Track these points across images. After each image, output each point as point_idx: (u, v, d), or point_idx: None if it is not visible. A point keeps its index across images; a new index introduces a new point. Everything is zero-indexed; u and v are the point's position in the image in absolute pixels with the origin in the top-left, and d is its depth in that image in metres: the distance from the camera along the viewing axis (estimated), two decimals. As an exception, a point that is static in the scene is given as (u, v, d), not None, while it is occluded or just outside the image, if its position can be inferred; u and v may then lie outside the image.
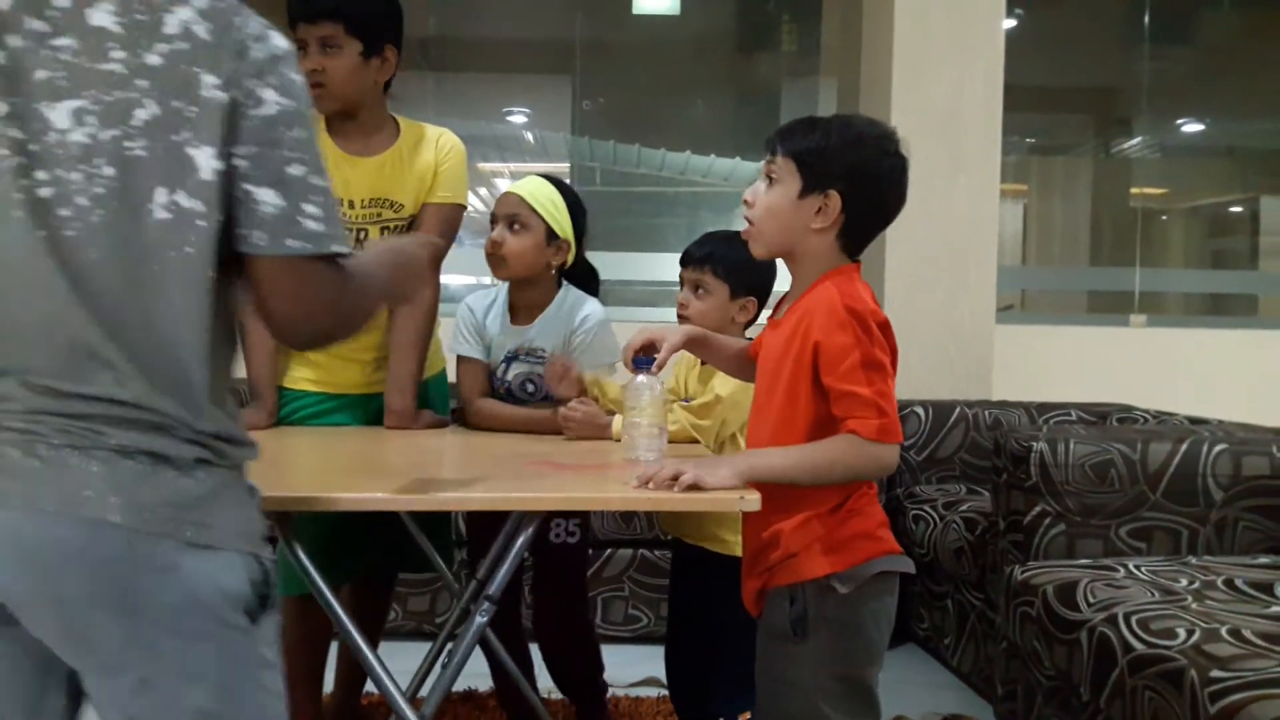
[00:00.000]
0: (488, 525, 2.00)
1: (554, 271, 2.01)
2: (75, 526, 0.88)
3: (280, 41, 0.96)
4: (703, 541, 1.90)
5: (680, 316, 1.96)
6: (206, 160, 0.90)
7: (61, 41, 0.89)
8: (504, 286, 2.06)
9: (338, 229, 0.97)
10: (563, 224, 1.99)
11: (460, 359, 2.04)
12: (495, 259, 1.97)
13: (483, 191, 5.85)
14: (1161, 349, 3.81)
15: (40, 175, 0.88)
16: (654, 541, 2.90)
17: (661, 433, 1.55)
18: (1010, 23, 3.58)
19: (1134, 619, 1.73)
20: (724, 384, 1.86)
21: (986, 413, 3.09)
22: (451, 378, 2.10)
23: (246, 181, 0.92)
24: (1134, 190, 6.37)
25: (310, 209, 0.94)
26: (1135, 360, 3.72)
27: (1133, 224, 6.10)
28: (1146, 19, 4.98)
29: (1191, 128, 6.42)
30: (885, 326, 1.40)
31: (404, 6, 1.93)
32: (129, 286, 0.90)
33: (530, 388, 2.00)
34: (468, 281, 4.28)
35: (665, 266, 3.90)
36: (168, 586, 0.90)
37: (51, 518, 0.87)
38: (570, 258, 2.02)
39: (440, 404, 2.09)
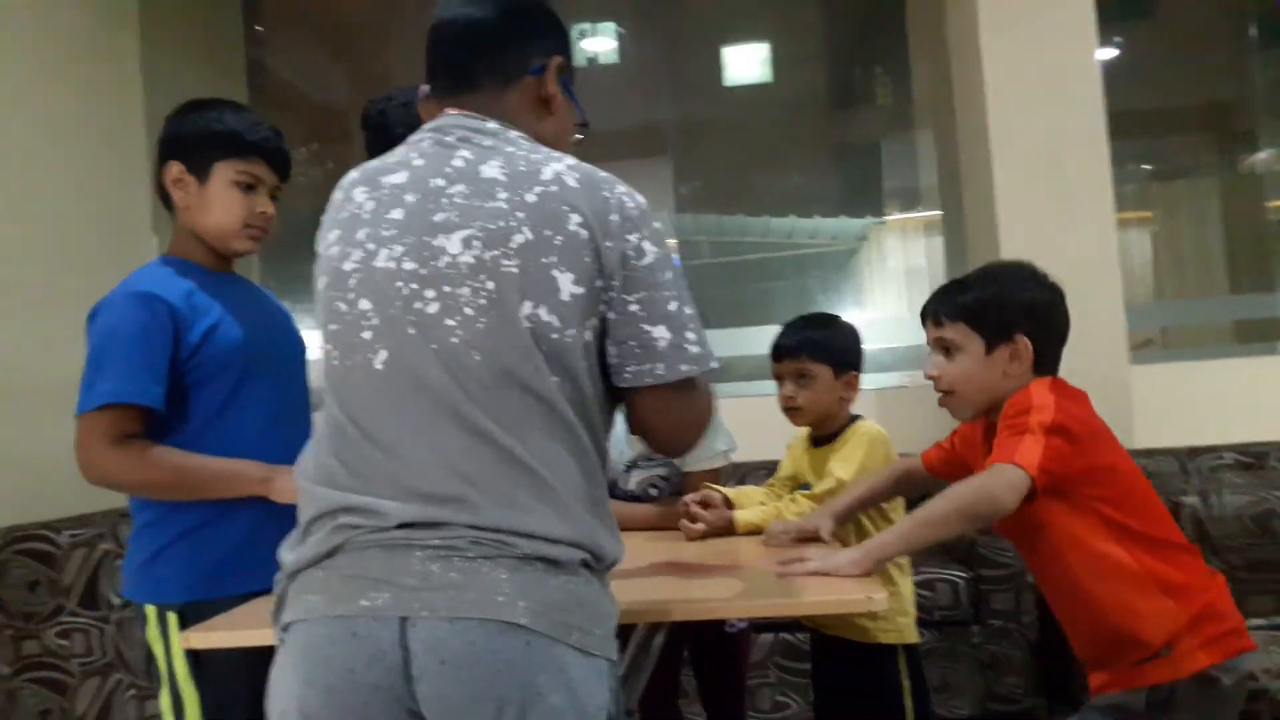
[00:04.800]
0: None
1: None
2: (488, 630, 0.97)
3: (641, 199, 1.12)
4: (842, 631, 1.85)
5: (789, 410, 1.94)
6: (567, 284, 1.04)
7: (456, 189, 1.08)
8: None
9: (709, 346, 1.12)
10: None
11: None
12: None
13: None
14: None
15: (429, 294, 1.04)
16: (794, 624, 2.83)
17: None
18: (1110, 51, 3.47)
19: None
20: (844, 466, 1.83)
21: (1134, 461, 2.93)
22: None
23: (643, 322, 1.08)
24: (1273, 204, 6.05)
25: (690, 335, 1.10)
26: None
27: (1272, 242, 5.78)
28: (1253, 28, 4.76)
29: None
30: (1079, 400, 1.44)
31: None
32: (505, 390, 1.02)
33: (654, 491, 2.00)
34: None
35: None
36: (557, 687, 0.98)
37: (469, 624, 0.97)
38: None
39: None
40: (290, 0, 5.05)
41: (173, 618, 1.46)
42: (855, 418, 1.96)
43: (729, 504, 1.86)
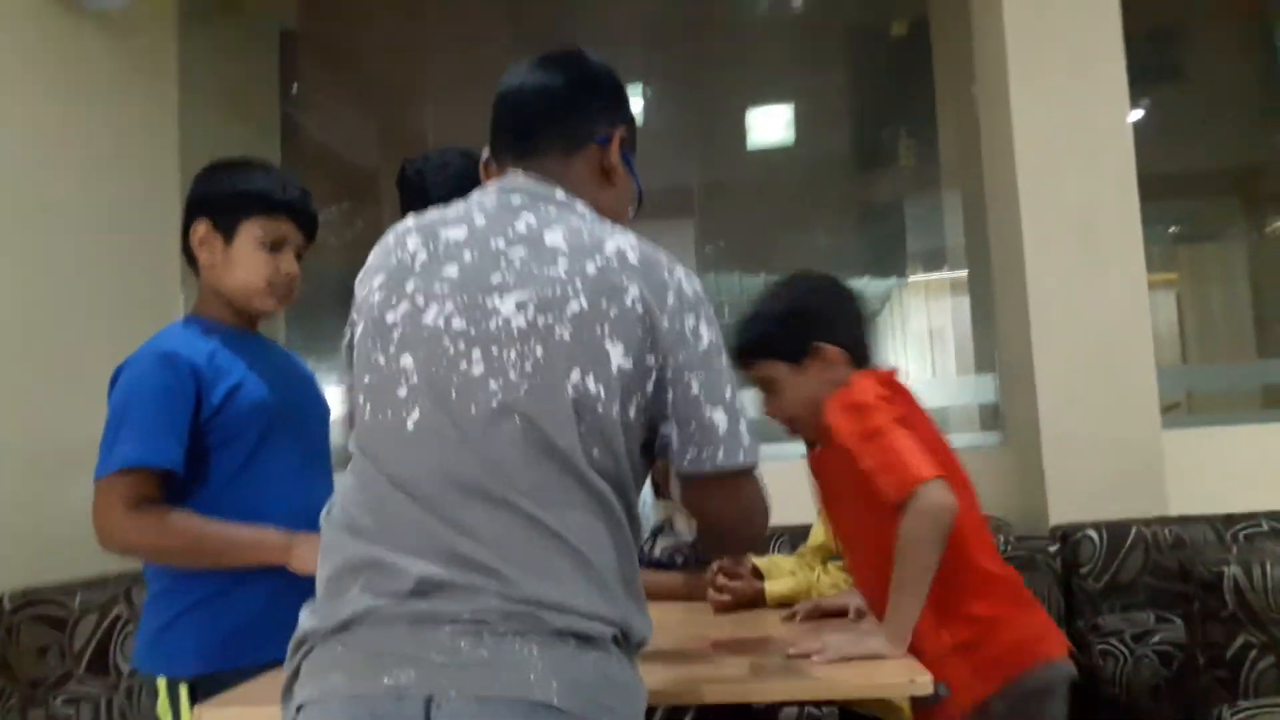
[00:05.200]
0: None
1: None
2: (518, 711, 0.92)
3: (698, 284, 1.12)
4: (873, 709, 1.79)
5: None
6: (617, 356, 1.02)
7: (516, 252, 1.06)
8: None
9: (757, 441, 1.09)
10: None
11: None
12: None
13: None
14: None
15: (475, 354, 1.02)
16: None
17: None
18: (1137, 113, 3.47)
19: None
20: None
21: (1166, 530, 2.86)
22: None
23: (705, 404, 1.06)
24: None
25: (743, 425, 1.08)
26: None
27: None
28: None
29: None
30: (887, 381, 1.46)
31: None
32: (542, 459, 0.99)
33: (680, 559, 1.96)
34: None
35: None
36: None
37: (499, 705, 0.92)
38: None
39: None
40: (326, 60, 5.13)
41: (184, 690, 1.43)
42: None
43: (758, 574, 1.82)
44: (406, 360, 1.03)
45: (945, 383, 4.92)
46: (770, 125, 6.19)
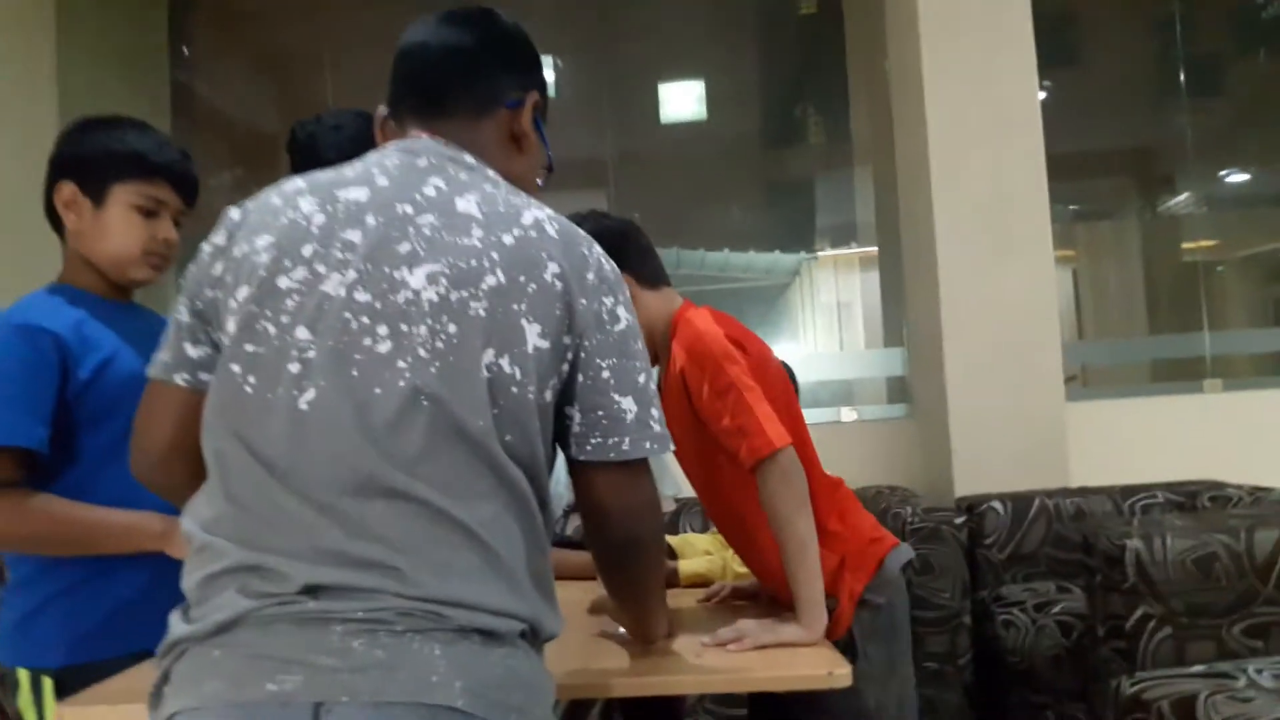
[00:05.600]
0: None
1: None
2: (420, 716, 0.85)
3: (613, 263, 1.06)
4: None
5: None
6: (533, 335, 0.96)
7: (426, 219, 0.98)
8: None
9: (667, 429, 1.05)
10: None
11: None
12: None
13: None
14: (1240, 414, 3.62)
15: (381, 330, 0.93)
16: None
17: None
18: (1039, 94, 3.53)
19: (1269, 738, 1.56)
20: None
21: (1068, 501, 2.93)
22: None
23: (613, 391, 1.00)
24: (1186, 245, 6.23)
25: (654, 412, 1.03)
26: (1214, 428, 3.53)
27: (1189, 283, 5.93)
28: (1181, 74, 4.92)
29: (1236, 178, 6.30)
30: (739, 341, 1.43)
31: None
32: (451, 445, 0.92)
33: None
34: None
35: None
36: None
37: (397, 710, 0.84)
38: None
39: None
40: (219, 19, 4.90)
41: (48, 684, 1.32)
42: None
43: (672, 554, 1.79)
44: (302, 333, 0.94)
45: (853, 356, 4.97)
46: (683, 100, 6.17)
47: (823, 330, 6.83)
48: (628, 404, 1.00)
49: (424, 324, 0.93)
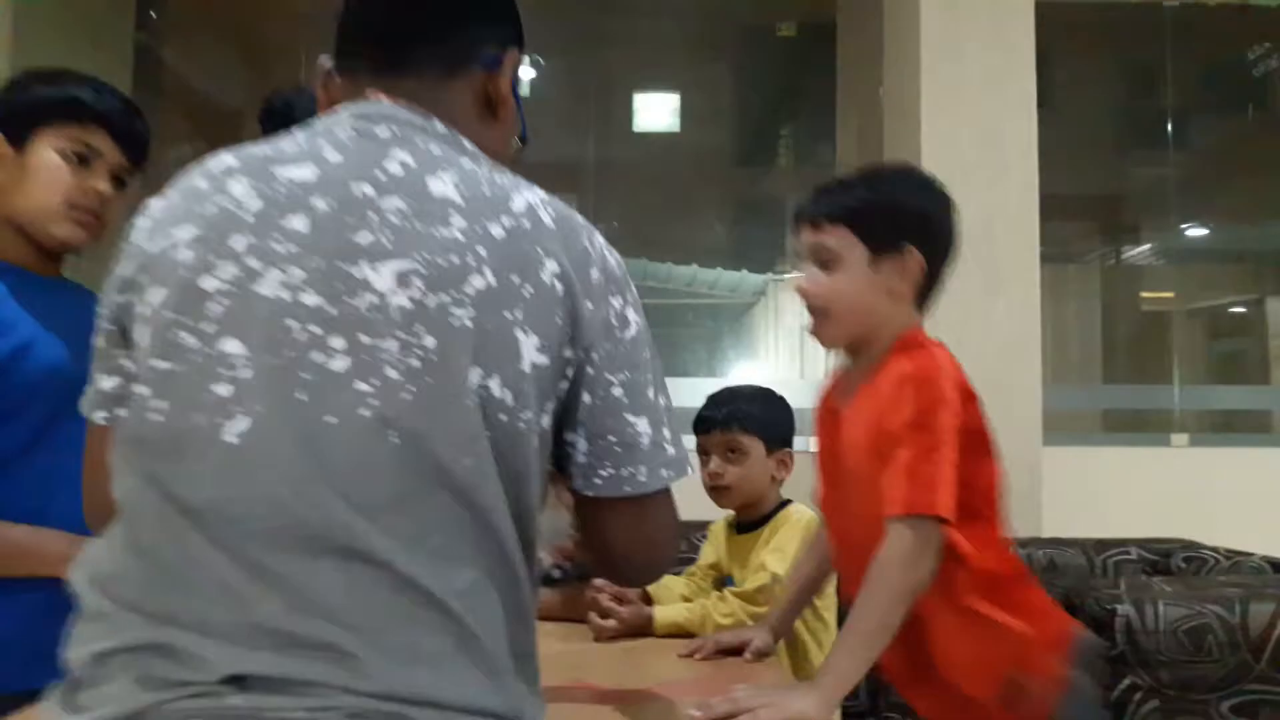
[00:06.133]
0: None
1: None
2: None
3: (617, 256, 0.89)
4: None
5: (714, 489, 1.76)
6: (530, 350, 0.79)
7: (391, 204, 0.79)
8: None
9: (685, 448, 0.90)
10: None
11: None
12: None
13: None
14: (1208, 471, 3.59)
15: (335, 343, 0.75)
16: None
17: None
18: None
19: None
20: (777, 559, 1.65)
21: (1041, 553, 2.86)
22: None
23: (626, 411, 0.84)
24: (1145, 295, 6.30)
25: (668, 434, 0.88)
26: (1182, 483, 3.49)
27: (1148, 332, 5.99)
28: (1167, 124, 4.95)
29: (1196, 232, 6.40)
30: (970, 397, 1.25)
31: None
32: (428, 493, 0.74)
33: (558, 573, 1.77)
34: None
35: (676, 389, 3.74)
36: None
37: None
38: None
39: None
40: (188, -13, 4.70)
41: None
42: (786, 502, 1.79)
43: (647, 599, 1.66)
44: (232, 345, 0.74)
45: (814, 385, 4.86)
46: (658, 111, 6.12)
47: (785, 354, 6.77)
48: (642, 426, 0.85)
49: (393, 336, 0.74)
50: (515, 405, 0.77)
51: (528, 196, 0.84)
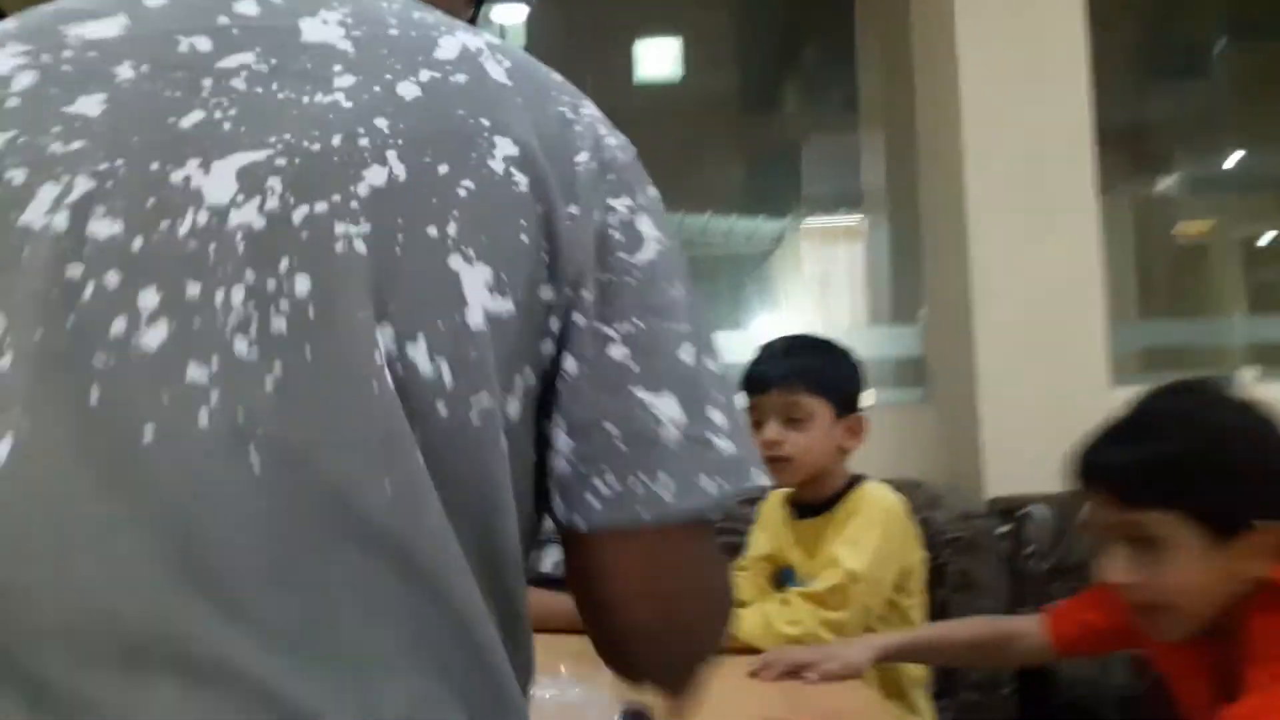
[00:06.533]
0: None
1: None
2: None
3: (622, 138, 0.59)
4: None
5: (771, 460, 1.46)
6: (478, 288, 0.49)
7: (235, 61, 0.51)
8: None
9: (750, 444, 0.56)
10: None
11: None
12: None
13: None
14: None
15: (147, 300, 0.46)
16: None
17: None
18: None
19: None
20: (854, 553, 1.39)
21: (1116, 508, 2.62)
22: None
23: (634, 383, 0.53)
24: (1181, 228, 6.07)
25: (716, 415, 0.54)
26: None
27: (1183, 265, 5.75)
28: (1219, 43, 4.69)
29: (1233, 161, 6.15)
30: None
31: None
32: (320, 544, 0.46)
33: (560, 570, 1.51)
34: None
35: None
36: None
37: None
38: None
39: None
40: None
41: None
42: (857, 478, 1.52)
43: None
44: None
45: (858, 334, 4.55)
46: (666, 55, 5.88)
47: (806, 303, 6.52)
48: (666, 407, 0.53)
49: (239, 281, 0.47)
50: (458, 385, 0.48)
51: (465, 40, 0.55)
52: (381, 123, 0.50)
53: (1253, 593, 1.02)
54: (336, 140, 0.49)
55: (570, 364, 0.53)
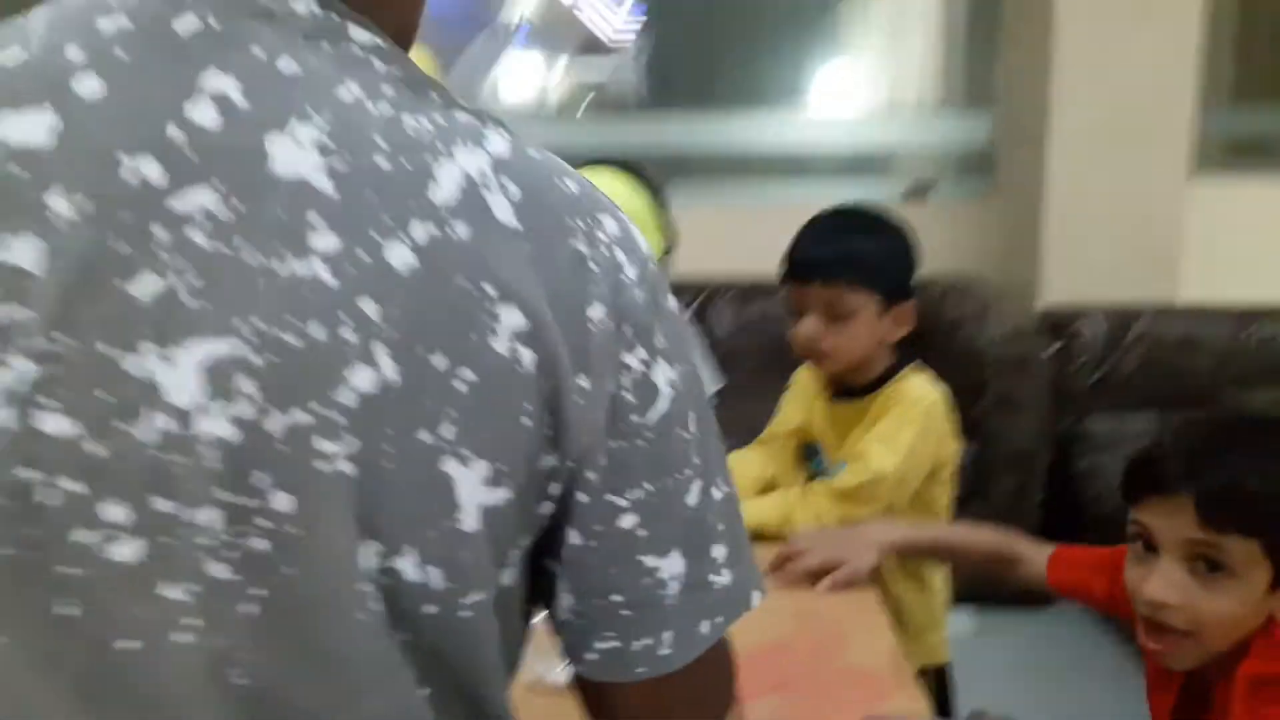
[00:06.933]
0: None
1: None
2: None
3: (642, 243, 0.50)
4: None
5: (810, 354, 1.32)
6: (473, 488, 0.45)
7: (193, 199, 0.41)
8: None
9: (749, 557, 0.55)
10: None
11: None
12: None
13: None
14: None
15: (110, 513, 0.41)
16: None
17: None
18: None
19: None
20: (886, 451, 1.26)
21: (1174, 323, 2.48)
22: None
23: (643, 551, 0.50)
24: None
25: (718, 550, 0.52)
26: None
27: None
28: None
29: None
30: None
31: None
32: None
33: None
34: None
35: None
36: None
37: None
38: None
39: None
40: None
41: None
42: (897, 366, 1.34)
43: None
44: None
45: (921, 120, 4.22)
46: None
47: (873, 73, 6.11)
48: (670, 567, 0.50)
49: (210, 500, 0.41)
50: (450, 588, 0.45)
51: (465, 164, 0.44)
52: (369, 307, 0.41)
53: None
54: (317, 332, 0.41)
55: (576, 538, 0.50)
